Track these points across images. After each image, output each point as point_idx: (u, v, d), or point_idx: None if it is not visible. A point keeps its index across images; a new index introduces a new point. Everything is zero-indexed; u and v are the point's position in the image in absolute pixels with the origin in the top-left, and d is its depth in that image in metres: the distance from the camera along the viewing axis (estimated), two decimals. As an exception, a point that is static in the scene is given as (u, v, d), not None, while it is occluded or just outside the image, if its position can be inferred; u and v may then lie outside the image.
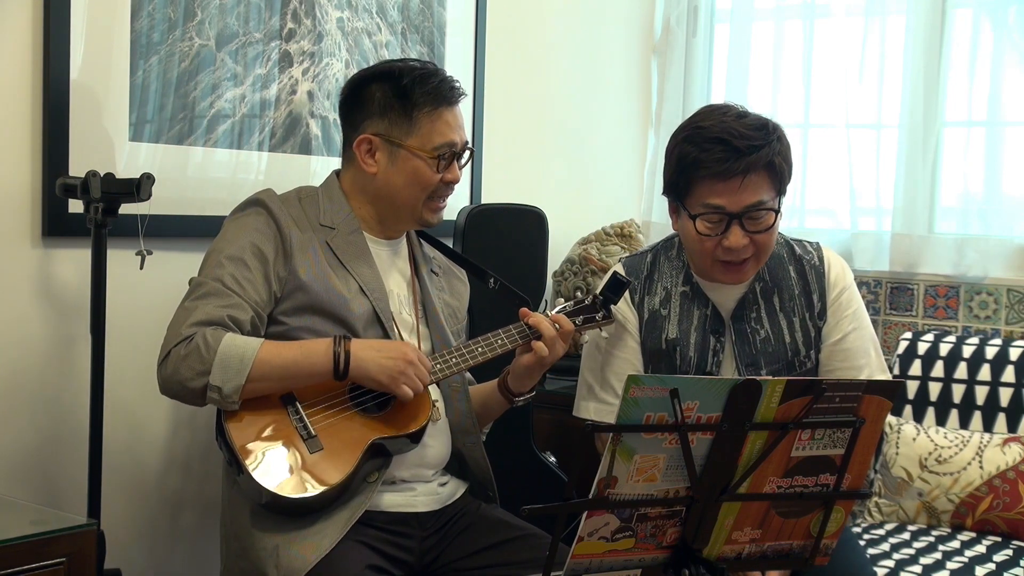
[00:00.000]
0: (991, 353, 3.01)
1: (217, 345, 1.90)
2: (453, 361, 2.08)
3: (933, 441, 2.87)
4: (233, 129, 2.51)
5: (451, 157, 2.12)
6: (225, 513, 2.07)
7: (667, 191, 2.19)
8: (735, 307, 2.22)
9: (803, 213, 3.67)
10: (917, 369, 3.08)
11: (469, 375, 2.26)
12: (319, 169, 2.66)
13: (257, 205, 2.08)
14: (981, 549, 2.66)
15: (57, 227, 2.19)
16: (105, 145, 2.27)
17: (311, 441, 1.95)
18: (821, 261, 2.25)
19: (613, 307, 2.20)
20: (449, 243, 2.43)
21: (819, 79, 3.62)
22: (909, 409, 3.05)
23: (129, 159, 2.31)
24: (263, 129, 2.58)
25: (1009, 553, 2.64)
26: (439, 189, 2.13)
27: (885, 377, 2.27)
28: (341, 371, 1.95)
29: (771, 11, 3.74)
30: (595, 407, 2.26)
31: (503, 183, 3.29)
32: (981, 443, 2.83)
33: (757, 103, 3.57)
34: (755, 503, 1.59)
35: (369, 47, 2.82)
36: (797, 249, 2.27)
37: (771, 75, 3.72)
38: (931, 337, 3.14)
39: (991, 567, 2.55)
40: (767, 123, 2.11)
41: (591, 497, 1.48)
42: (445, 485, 2.18)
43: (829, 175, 3.61)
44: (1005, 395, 2.95)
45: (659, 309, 2.25)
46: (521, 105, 3.41)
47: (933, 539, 2.73)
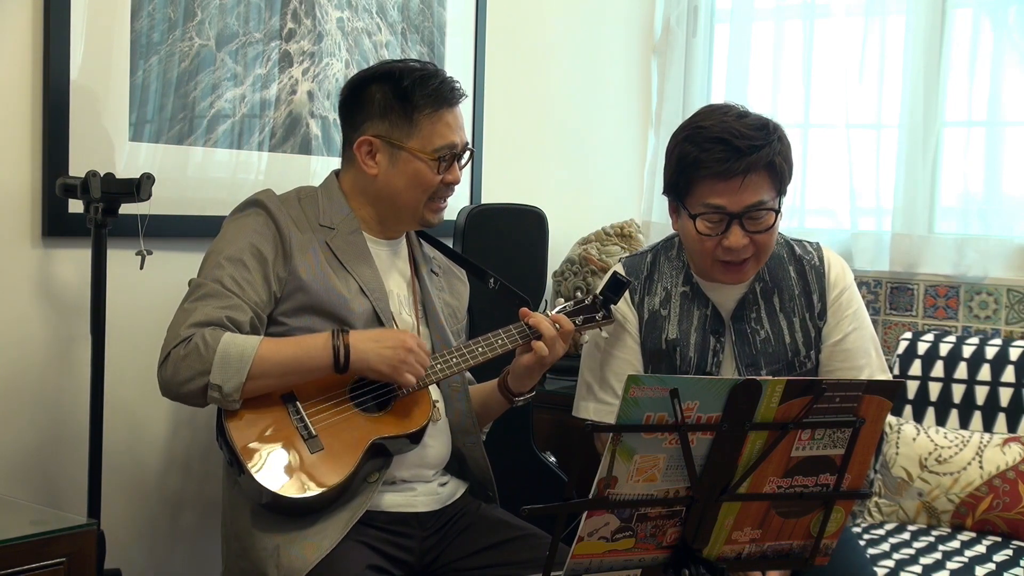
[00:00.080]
0: (991, 353, 3.01)
1: (216, 344, 1.90)
2: (453, 361, 2.08)
3: (933, 441, 2.87)
4: (233, 129, 2.51)
5: (451, 158, 2.12)
6: (226, 513, 2.07)
7: (667, 191, 2.19)
8: (735, 307, 2.22)
9: (803, 213, 3.67)
10: (917, 369, 3.08)
11: (469, 375, 2.26)
12: (319, 169, 2.66)
13: (256, 206, 2.08)
14: (981, 549, 2.66)
15: (57, 227, 2.19)
16: (105, 145, 2.27)
17: (311, 441, 1.95)
18: (821, 261, 2.25)
19: (613, 307, 2.20)
20: (449, 243, 2.43)
21: (819, 79, 3.62)
22: (909, 409, 3.05)
23: (129, 159, 2.31)
24: (263, 129, 2.58)
25: (1009, 553, 2.64)
26: (440, 190, 2.13)
27: (885, 377, 2.27)
28: (342, 364, 1.95)
29: (771, 11, 3.74)
30: (595, 407, 2.26)
31: (503, 183, 3.29)
32: (981, 443, 2.83)
33: (757, 103, 3.57)
34: (755, 503, 1.59)
35: (369, 47, 2.82)
36: (797, 249, 2.27)
37: (771, 75, 3.72)
38: (931, 337, 3.14)
39: (991, 567, 2.55)
40: (768, 123, 2.11)
41: (591, 497, 1.48)
42: (445, 485, 2.18)
43: (829, 175, 3.61)
44: (1005, 395, 2.95)
45: (659, 309, 2.25)
46: (521, 105, 3.41)
47: (933, 539, 2.73)
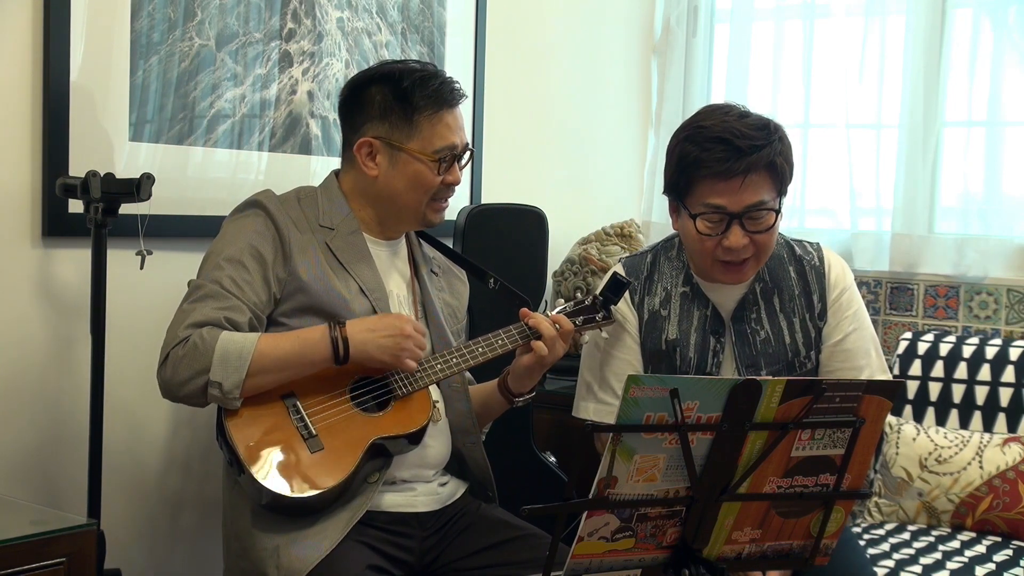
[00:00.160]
0: (991, 353, 3.01)
1: (214, 343, 1.90)
2: (453, 361, 2.08)
3: (933, 441, 2.87)
4: (233, 129, 2.51)
5: (452, 159, 2.12)
6: (226, 513, 2.07)
7: (668, 190, 2.19)
8: (735, 308, 2.22)
9: (803, 213, 3.67)
10: (917, 369, 3.08)
11: (469, 375, 2.26)
12: (319, 169, 2.66)
13: (255, 207, 2.08)
14: (981, 549, 2.66)
15: (57, 227, 2.19)
16: (105, 145, 2.27)
17: (311, 441, 1.95)
18: (821, 262, 2.25)
19: (613, 307, 2.20)
20: (449, 243, 2.43)
21: (819, 79, 3.62)
22: (909, 409, 3.05)
23: (129, 159, 2.31)
24: (263, 129, 2.57)
25: (1009, 553, 2.64)
26: (440, 191, 2.13)
27: (886, 377, 2.27)
28: (341, 357, 1.96)
29: (771, 11, 3.74)
30: (594, 407, 2.26)
31: (503, 183, 3.29)
32: (981, 443, 2.83)
33: (757, 103, 3.56)
34: (755, 503, 1.59)
35: (369, 47, 2.82)
36: (797, 250, 2.26)
37: (771, 75, 3.72)
38: (931, 337, 3.14)
39: (991, 567, 2.55)
40: (769, 123, 2.11)
41: (591, 497, 1.48)
42: (445, 485, 2.18)
43: (829, 175, 3.61)
44: (1005, 395, 2.95)
45: (659, 309, 2.25)
46: (521, 105, 3.41)
47: (933, 539, 2.73)
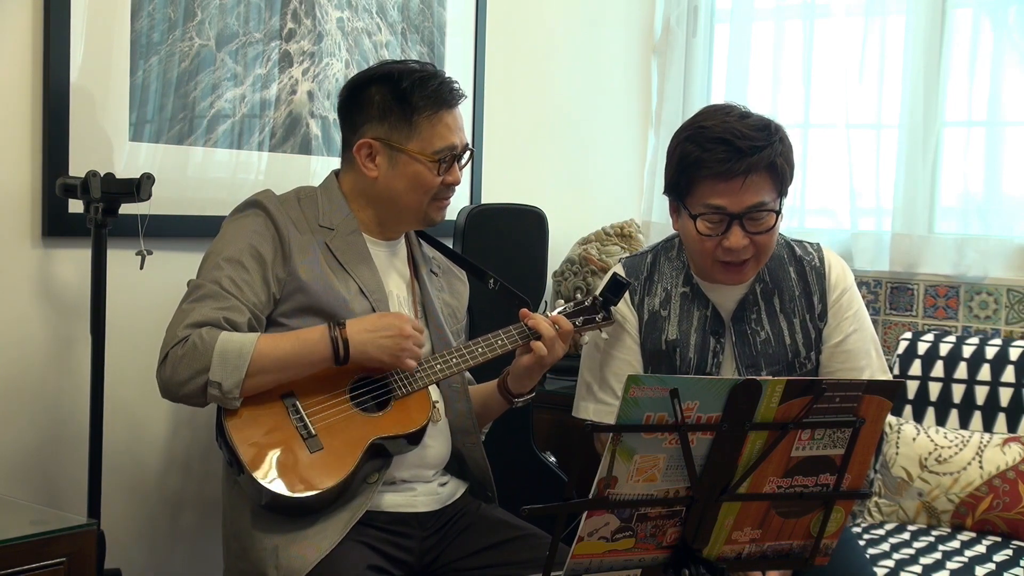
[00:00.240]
0: (991, 353, 3.01)
1: (213, 343, 1.90)
2: (453, 361, 2.08)
3: (933, 441, 2.87)
4: (233, 129, 2.51)
5: (451, 159, 2.12)
6: (226, 513, 2.07)
7: (668, 191, 2.19)
8: (735, 308, 2.22)
9: (803, 213, 3.67)
10: (917, 369, 3.08)
11: (469, 375, 2.26)
12: (319, 169, 2.66)
13: (255, 207, 2.08)
14: (981, 549, 2.66)
15: (57, 227, 2.19)
16: (105, 145, 2.27)
17: (311, 441, 1.95)
18: (822, 262, 2.25)
19: (612, 308, 2.20)
20: (449, 243, 2.43)
21: (819, 79, 3.62)
22: (909, 409, 3.05)
23: (129, 159, 2.31)
24: (263, 129, 2.57)
25: (1009, 553, 2.64)
26: (440, 191, 2.13)
27: (886, 378, 2.27)
28: (341, 357, 1.96)
29: (771, 11, 3.74)
30: (594, 407, 2.26)
31: (503, 183, 3.29)
32: (981, 443, 2.83)
33: (757, 103, 3.56)
34: (755, 503, 1.58)
35: (369, 47, 2.82)
36: (797, 250, 2.26)
37: (771, 75, 3.72)
38: (931, 337, 3.13)
39: (991, 567, 2.55)
40: (769, 124, 2.11)
41: (591, 497, 1.48)
42: (445, 485, 2.18)
43: (829, 175, 3.61)
44: (1005, 395, 2.95)
45: (659, 310, 2.25)
46: (521, 105, 3.41)
47: (933, 539, 2.73)
